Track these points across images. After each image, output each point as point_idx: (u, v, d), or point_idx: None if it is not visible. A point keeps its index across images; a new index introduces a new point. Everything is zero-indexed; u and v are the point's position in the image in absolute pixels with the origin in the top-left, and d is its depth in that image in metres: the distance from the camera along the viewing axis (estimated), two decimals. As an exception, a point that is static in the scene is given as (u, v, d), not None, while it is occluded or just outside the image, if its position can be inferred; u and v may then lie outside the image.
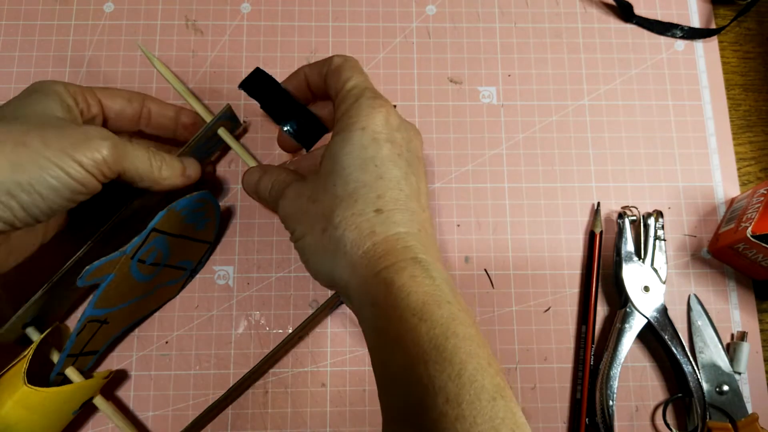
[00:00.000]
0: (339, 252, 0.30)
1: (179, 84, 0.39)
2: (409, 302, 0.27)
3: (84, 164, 0.30)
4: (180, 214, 0.37)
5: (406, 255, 0.29)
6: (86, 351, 0.38)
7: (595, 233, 0.44)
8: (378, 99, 0.33)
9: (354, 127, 0.32)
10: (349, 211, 0.30)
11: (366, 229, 0.30)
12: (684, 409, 0.42)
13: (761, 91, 0.48)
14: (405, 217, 0.30)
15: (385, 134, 0.32)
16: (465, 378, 0.25)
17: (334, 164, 0.32)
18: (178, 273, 0.41)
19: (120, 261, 0.35)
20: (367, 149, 0.31)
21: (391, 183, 0.31)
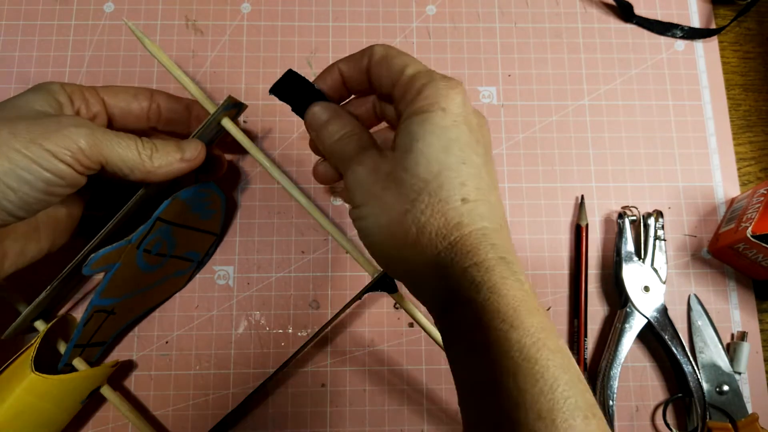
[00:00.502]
0: (420, 240, 0.28)
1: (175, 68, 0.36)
2: (500, 307, 0.25)
3: (57, 154, 0.29)
4: (185, 204, 0.37)
5: (494, 253, 0.27)
6: (93, 342, 0.38)
7: (581, 226, 0.44)
8: (452, 80, 0.30)
9: (433, 107, 0.29)
10: (435, 196, 0.28)
11: (453, 219, 0.27)
12: (684, 409, 0.42)
13: (761, 91, 0.49)
14: (488, 210, 0.28)
15: (464, 117, 0.29)
16: (558, 394, 0.24)
17: (413, 142, 0.29)
18: (185, 264, 0.41)
19: (125, 250, 0.35)
20: (450, 130, 0.29)
21: (473, 170, 0.29)
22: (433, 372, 0.42)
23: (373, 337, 0.42)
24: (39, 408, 0.35)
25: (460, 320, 0.27)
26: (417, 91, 0.30)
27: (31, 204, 0.30)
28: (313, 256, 0.43)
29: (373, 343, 0.42)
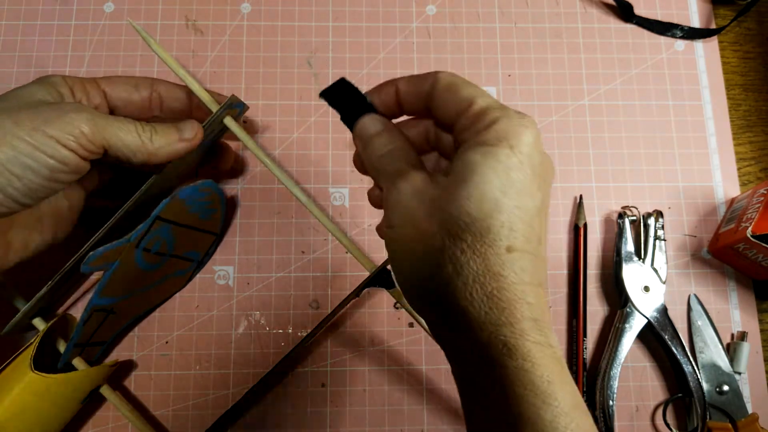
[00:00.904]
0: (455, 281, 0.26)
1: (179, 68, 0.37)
2: (533, 379, 0.24)
3: (60, 140, 0.29)
4: (184, 203, 0.37)
5: (530, 313, 0.25)
6: (93, 341, 0.38)
7: (579, 227, 0.44)
8: (527, 117, 0.28)
9: (501, 143, 0.27)
10: (480, 238, 0.26)
11: (494, 266, 0.25)
12: (684, 409, 0.42)
13: (761, 91, 0.49)
14: (531, 265, 0.26)
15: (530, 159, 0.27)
16: None
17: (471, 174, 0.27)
18: (185, 264, 0.41)
19: (124, 249, 0.35)
20: (512, 171, 0.26)
21: (525, 217, 0.26)
22: (433, 372, 0.42)
23: (373, 337, 0.42)
24: (38, 407, 0.35)
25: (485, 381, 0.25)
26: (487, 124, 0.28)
27: (36, 191, 0.30)
28: (313, 256, 0.43)
29: (373, 343, 0.42)
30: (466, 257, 0.26)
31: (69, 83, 0.34)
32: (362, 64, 0.47)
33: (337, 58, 0.47)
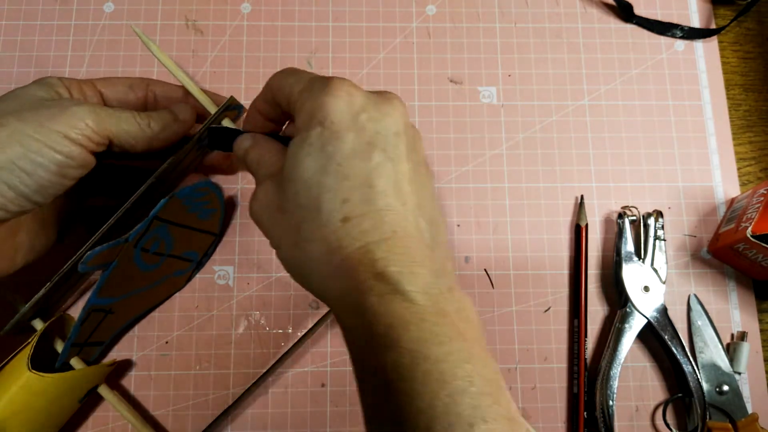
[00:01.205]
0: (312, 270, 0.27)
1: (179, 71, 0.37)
2: (376, 328, 0.24)
3: (67, 134, 0.30)
4: (182, 203, 0.37)
5: (373, 270, 0.25)
6: (91, 341, 0.38)
7: (581, 226, 0.44)
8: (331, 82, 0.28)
9: (312, 123, 0.28)
10: (314, 222, 0.27)
11: (333, 243, 0.26)
12: (684, 409, 0.42)
13: (761, 91, 0.49)
14: (374, 222, 0.26)
15: (347, 122, 0.27)
16: (437, 409, 0.22)
17: (294, 169, 0.28)
18: (184, 264, 0.41)
19: (122, 249, 0.35)
20: (327, 146, 0.27)
21: (357, 181, 0.27)
22: (433, 372, 0.42)
23: (373, 337, 0.42)
24: (36, 406, 0.35)
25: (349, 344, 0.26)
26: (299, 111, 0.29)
27: (47, 188, 0.30)
28: (313, 256, 0.43)
29: (373, 343, 0.42)
30: (310, 245, 0.27)
31: (66, 84, 0.34)
32: (362, 64, 0.47)
33: (337, 58, 0.47)
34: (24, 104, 0.31)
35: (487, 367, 0.24)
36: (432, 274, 0.26)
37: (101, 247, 0.33)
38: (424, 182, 0.29)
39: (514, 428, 0.23)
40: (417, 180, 0.28)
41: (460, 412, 0.22)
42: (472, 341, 0.25)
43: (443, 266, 0.28)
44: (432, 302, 0.25)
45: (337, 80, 0.29)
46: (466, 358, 0.24)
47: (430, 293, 0.25)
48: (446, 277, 0.27)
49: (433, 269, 0.26)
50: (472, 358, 0.24)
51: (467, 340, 0.25)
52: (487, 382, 0.24)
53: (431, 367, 0.23)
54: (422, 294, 0.25)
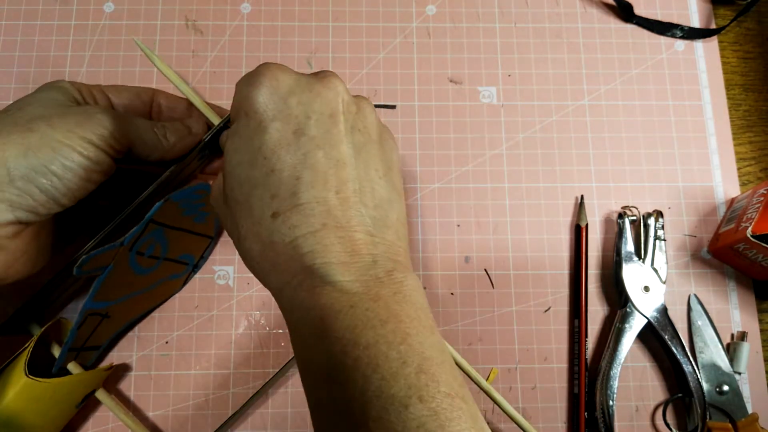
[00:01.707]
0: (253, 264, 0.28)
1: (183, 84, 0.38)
2: (309, 320, 0.24)
3: (92, 141, 0.30)
4: (178, 206, 0.37)
5: (302, 264, 0.25)
6: (88, 346, 0.38)
7: (581, 227, 0.44)
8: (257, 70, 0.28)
9: (238, 116, 0.28)
10: (249, 219, 0.27)
11: (266, 239, 0.26)
12: (684, 409, 0.42)
13: (761, 91, 0.49)
14: (302, 216, 0.26)
15: (272, 111, 0.27)
16: (370, 394, 0.22)
17: (227, 164, 0.28)
18: (179, 267, 0.41)
19: (117, 252, 0.34)
20: (253, 140, 0.27)
21: (284, 174, 0.26)
22: (433, 372, 0.42)
23: (373, 337, 0.42)
24: (33, 411, 0.35)
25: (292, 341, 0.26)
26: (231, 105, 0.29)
27: (75, 191, 0.31)
28: (313, 256, 0.43)
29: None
30: (248, 243, 0.27)
31: (78, 88, 0.35)
32: (362, 64, 0.47)
33: (337, 58, 0.47)
34: (49, 109, 0.31)
35: (426, 345, 0.24)
36: (368, 261, 0.26)
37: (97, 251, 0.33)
38: (369, 160, 0.28)
39: (455, 404, 0.23)
40: (359, 161, 0.27)
41: (394, 394, 0.22)
42: (409, 321, 0.24)
43: (389, 249, 0.27)
44: (365, 288, 0.25)
45: (264, 66, 0.28)
46: (400, 340, 0.24)
47: (362, 280, 0.25)
48: (388, 261, 0.26)
49: (370, 254, 0.26)
50: (408, 337, 0.24)
51: (402, 321, 0.24)
52: (424, 360, 0.23)
53: (361, 353, 0.23)
54: (353, 282, 0.25)
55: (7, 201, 0.29)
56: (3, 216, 0.29)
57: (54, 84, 0.34)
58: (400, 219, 0.29)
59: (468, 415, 0.23)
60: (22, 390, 0.34)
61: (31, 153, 0.29)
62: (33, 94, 0.33)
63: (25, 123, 0.30)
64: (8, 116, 0.31)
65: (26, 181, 0.29)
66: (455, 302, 0.43)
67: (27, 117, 0.30)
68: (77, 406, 0.37)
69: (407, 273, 0.27)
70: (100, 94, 0.36)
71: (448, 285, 0.43)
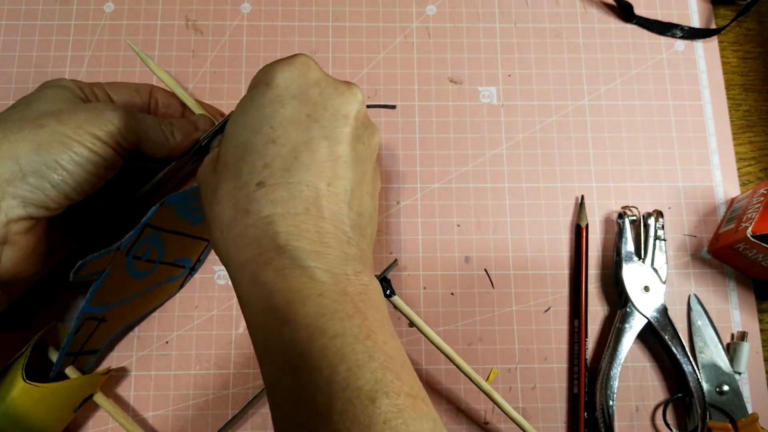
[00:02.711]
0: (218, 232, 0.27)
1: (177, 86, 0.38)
2: (272, 302, 0.24)
3: (100, 137, 0.31)
4: (173, 210, 0.37)
5: (274, 243, 0.25)
6: (85, 350, 0.38)
7: (581, 227, 0.44)
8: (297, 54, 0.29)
9: (259, 83, 0.28)
10: (232, 182, 0.26)
11: (242, 207, 0.26)
12: (684, 409, 0.42)
13: (761, 91, 0.49)
14: (288, 194, 0.26)
15: (295, 89, 0.27)
16: (336, 384, 0.22)
17: (229, 126, 0.28)
18: (176, 270, 0.41)
19: (114, 257, 0.34)
20: (265, 108, 0.27)
21: (284, 149, 0.26)
22: (432, 372, 0.42)
23: (373, 337, 0.42)
24: (31, 416, 0.34)
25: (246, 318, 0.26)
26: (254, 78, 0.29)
27: (83, 186, 0.31)
28: (313, 256, 0.43)
29: (373, 343, 0.42)
30: (222, 206, 0.26)
31: (79, 85, 0.35)
32: (362, 64, 0.47)
33: (337, 58, 0.47)
34: (57, 105, 0.32)
35: (389, 345, 0.24)
36: (340, 257, 0.26)
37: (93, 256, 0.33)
38: (365, 174, 0.29)
39: (417, 404, 0.23)
40: (356, 169, 0.28)
41: (361, 387, 0.22)
42: (373, 320, 0.24)
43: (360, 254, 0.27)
44: (333, 281, 0.25)
45: (300, 54, 0.29)
46: (365, 335, 0.23)
47: (332, 272, 0.25)
48: (358, 264, 0.26)
49: (344, 252, 0.26)
50: (372, 334, 0.24)
51: (367, 319, 0.24)
52: (388, 358, 0.23)
53: (328, 342, 0.23)
54: (324, 272, 0.25)
55: (19, 197, 0.29)
56: (16, 212, 0.29)
57: (57, 82, 0.34)
58: (373, 236, 0.29)
59: (429, 417, 0.23)
60: (20, 395, 0.34)
61: (43, 149, 0.29)
62: (38, 92, 0.33)
63: (34, 119, 0.30)
64: (17, 112, 0.31)
65: (38, 177, 0.29)
66: (455, 302, 0.43)
67: (36, 113, 0.31)
68: (75, 410, 0.37)
69: (372, 279, 0.27)
70: (100, 91, 0.36)
71: (448, 285, 0.43)
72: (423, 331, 0.37)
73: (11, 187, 0.29)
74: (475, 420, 0.41)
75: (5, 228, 0.29)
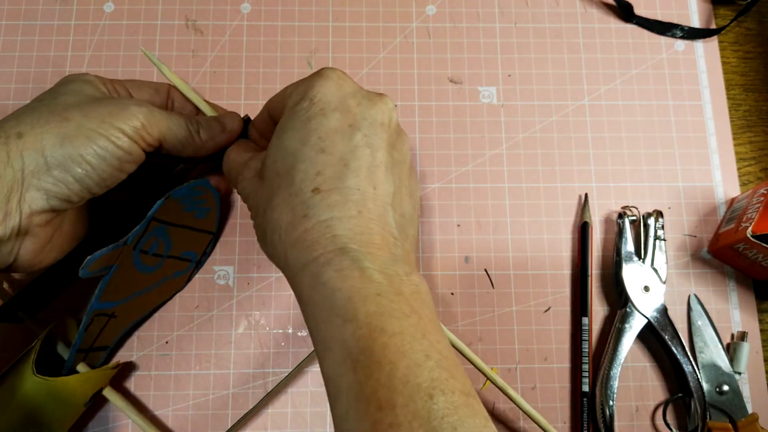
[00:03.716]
0: (276, 237, 0.28)
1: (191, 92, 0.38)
2: (334, 301, 0.25)
3: (125, 131, 0.31)
4: (179, 203, 0.37)
5: (334, 245, 0.26)
6: (96, 347, 0.38)
7: (589, 224, 0.44)
8: (326, 69, 0.30)
9: (301, 100, 0.29)
10: (286, 190, 0.28)
11: (300, 212, 0.27)
12: (684, 409, 0.42)
13: (761, 91, 0.49)
14: (342, 198, 0.27)
15: (335, 102, 0.29)
16: (397, 380, 0.23)
17: (277, 139, 0.30)
18: (183, 264, 0.41)
19: (122, 251, 0.35)
20: (312, 120, 0.29)
21: (333, 158, 0.28)
22: (433, 372, 0.42)
23: (373, 337, 0.42)
24: (41, 411, 0.35)
25: (305, 317, 0.27)
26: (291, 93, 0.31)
27: (107, 180, 0.31)
28: (313, 256, 0.43)
29: (373, 343, 0.42)
30: (278, 213, 0.28)
31: (102, 81, 0.35)
32: (362, 64, 0.47)
33: (337, 58, 0.47)
34: (82, 100, 0.32)
35: (441, 344, 0.25)
36: (390, 258, 0.27)
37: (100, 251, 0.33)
38: (402, 178, 0.30)
39: (470, 402, 0.24)
40: (394, 173, 0.29)
41: (420, 383, 0.23)
42: (427, 320, 0.25)
43: (405, 255, 0.28)
44: (388, 281, 0.26)
45: (330, 69, 0.30)
46: (422, 334, 0.25)
47: (386, 273, 0.26)
48: (406, 264, 0.27)
49: (392, 253, 0.27)
50: (427, 334, 0.25)
51: (422, 318, 0.25)
52: (443, 357, 0.24)
53: (388, 340, 0.24)
54: (379, 272, 0.26)
55: (43, 189, 0.29)
56: (39, 204, 0.30)
57: (81, 76, 0.34)
58: (415, 237, 0.31)
59: (482, 415, 0.24)
60: (30, 389, 0.34)
61: (68, 142, 0.29)
62: (63, 85, 0.33)
63: (60, 112, 0.30)
64: (43, 105, 0.31)
65: (62, 170, 0.30)
66: (455, 302, 0.43)
67: (62, 106, 0.31)
68: (85, 404, 0.37)
69: (421, 280, 0.28)
70: (121, 88, 0.36)
71: (448, 285, 0.43)
72: None
73: (36, 179, 0.29)
74: (475, 420, 0.41)
75: (28, 219, 0.30)
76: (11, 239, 0.30)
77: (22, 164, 0.29)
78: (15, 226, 0.29)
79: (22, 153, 0.29)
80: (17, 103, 0.45)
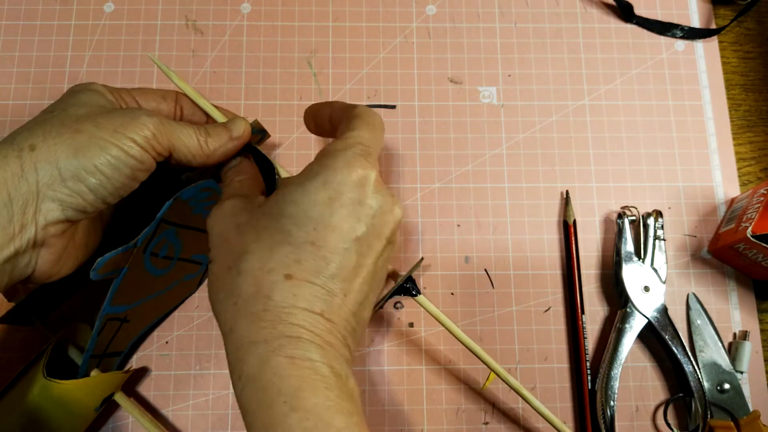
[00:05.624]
0: (230, 302, 0.28)
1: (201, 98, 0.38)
2: (282, 387, 0.25)
3: (137, 141, 0.31)
4: (187, 204, 0.37)
5: (290, 332, 0.27)
6: (110, 352, 0.38)
7: (569, 224, 0.44)
8: (364, 158, 0.29)
9: (318, 176, 0.29)
10: (259, 262, 0.28)
11: (265, 290, 0.27)
12: (685, 409, 0.42)
13: (761, 91, 0.49)
14: (310, 294, 0.27)
15: (350, 197, 0.29)
16: None
17: (275, 207, 0.29)
18: (194, 267, 0.41)
19: (132, 254, 0.34)
20: (316, 207, 0.28)
21: (319, 252, 0.28)
22: (433, 372, 0.42)
23: (373, 337, 0.42)
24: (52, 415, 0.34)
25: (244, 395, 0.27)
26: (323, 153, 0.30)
27: (119, 189, 0.31)
28: (313, 256, 0.43)
29: (373, 343, 0.42)
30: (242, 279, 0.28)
31: (110, 90, 0.35)
32: (362, 64, 0.47)
33: (337, 58, 0.47)
34: (93, 110, 0.32)
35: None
36: (339, 357, 0.28)
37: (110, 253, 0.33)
38: (374, 288, 0.31)
39: None
40: (371, 282, 0.30)
41: None
42: (363, 422, 0.27)
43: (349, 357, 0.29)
44: (336, 378, 0.27)
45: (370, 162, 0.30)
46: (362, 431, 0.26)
47: (334, 369, 0.27)
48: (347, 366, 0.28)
49: (342, 354, 0.28)
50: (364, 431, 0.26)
51: (360, 417, 0.26)
52: None
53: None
54: (328, 368, 0.27)
55: (58, 200, 0.30)
56: (55, 215, 0.30)
57: (88, 86, 0.34)
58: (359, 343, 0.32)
59: None
60: (42, 393, 0.34)
61: (81, 153, 0.30)
62: (71, 96, 0.33)
63: (72, 123, 0.30)
64: (54, 117, 0.31)
65: (76, 181, 0.30)
66: (455, 302, 0.43)
67: (74, 118, 0.31)
68: (96, 409, 0.37)
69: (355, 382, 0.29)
70: (129, 97, 0.36)
71: (448, 285, 0.43)
72: (451, 330, 0.37)
73: (51, 190, 0.29)
74: (475, 420, 0.41)
75: (44, 231, 0.30)
76: (28, 251, 0.30)
77: (37, 177, 0.29)
78: (31, 238, 0.30)
79: (36, 165, 0.29)
80: (17, 103, 0.45)
